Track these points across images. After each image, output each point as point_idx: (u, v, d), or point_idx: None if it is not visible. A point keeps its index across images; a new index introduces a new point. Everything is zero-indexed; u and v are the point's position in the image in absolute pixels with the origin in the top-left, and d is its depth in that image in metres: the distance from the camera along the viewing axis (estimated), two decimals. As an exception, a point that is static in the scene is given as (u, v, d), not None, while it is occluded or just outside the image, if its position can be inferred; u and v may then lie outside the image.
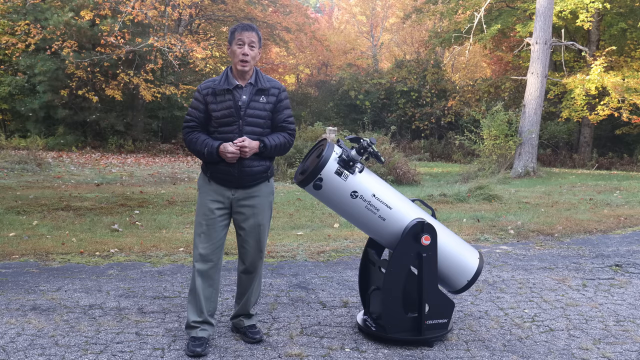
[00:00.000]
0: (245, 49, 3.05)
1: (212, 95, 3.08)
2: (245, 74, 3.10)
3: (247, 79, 3.12)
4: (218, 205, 3.13)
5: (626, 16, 18.44)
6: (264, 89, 3.11)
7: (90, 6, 16.35)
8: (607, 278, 4.74)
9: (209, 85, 3.11)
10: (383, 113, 24.86)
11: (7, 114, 19.91)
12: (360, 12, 31.38)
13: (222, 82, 3.09)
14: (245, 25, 3.10)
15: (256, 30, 3.11)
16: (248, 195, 3.14)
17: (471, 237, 6.25)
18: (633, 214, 7.94)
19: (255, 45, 3.09)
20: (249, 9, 21.19)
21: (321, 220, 7.26)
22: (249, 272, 3.27)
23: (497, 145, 14.12)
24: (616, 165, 19.44)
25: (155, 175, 12.47)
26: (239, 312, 3.33)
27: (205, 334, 3.14)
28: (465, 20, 18.62)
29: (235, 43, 3.07)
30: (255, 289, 3.31)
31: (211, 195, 3.13)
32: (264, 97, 3.11)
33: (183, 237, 6.03)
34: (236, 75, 3.11)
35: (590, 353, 3.19)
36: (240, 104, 3.06)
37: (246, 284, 3.29)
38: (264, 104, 3.11)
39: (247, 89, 3.10)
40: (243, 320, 3.30)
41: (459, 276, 3.35)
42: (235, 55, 3.07)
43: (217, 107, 3.07)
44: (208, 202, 3.13)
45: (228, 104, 3.06)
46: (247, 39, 3.06)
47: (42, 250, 5.20)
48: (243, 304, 3.30)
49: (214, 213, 3.12)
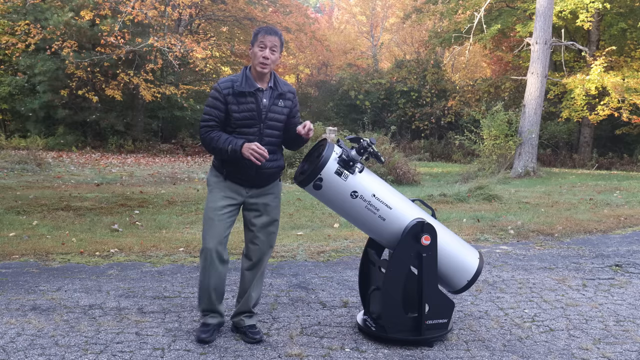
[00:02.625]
0: (267, 53, 3.09)
1: (232, 96, 3.10)
2: (264, 76, 3.15)
3: (266, 82, 3.18)
4: (229, 202, 3.19)
5: (626, 16, 18.45)
6: (282, 93, 3.20)
7: (90, 6, 16.36)
8: (607, 278, 4.74)
9: (229, 85, 3.12)
10: (383, 113, 24.86)
11: (7, 114, 19.92)
12: (360, 12, 31.38)
13: (242, 83, 3.11)
14: (269, 29, 3.15)
15: (279, 35, 3.16)
16: (261, 193, 3.23)
17: (471, 237, 6.25)
18: (633, 214, 7.94)
19: (277, 49, 3.13)
20: (249, 8, 21.19)
21: (321, 220, 7.26)
22: (254, 267, 3.31)
23: (497, 145, 14.12)
24: (616, 165, 19.44)
25: (155, 175, 12.47)
26: (240, 309, 3.34)
27: (214, 320, 3.25)
28: (465, 20, 18.61)
29: (257, 45, 3.11)
30: (256, 285, 3.33)
31: (224, 192, 3.18)
32: (282, 101, 3.20)
33: (183, 237, 6.03)
34: (255, 77, 3.15)
35: (590, 353, 3.19)
36: (262, 107, 3.13)
37: (249, 279, 3.32)
38: (282, 108, 3.20)
39: (268, 92, 3.16)
40: (244, 320, 3.31)
41: (459, 276, 3.35)
42: (256, 57, 3.11)
43: (239, 109, 3.10)
44: (219, 198, 3.18)
45: (250, 106, 3.11)
46: (270, 42, 3.10)
47: (42, 250, 5.20)
48: (244, 300, 3.31)
49: (223, 209, 3.17)
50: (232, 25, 22.68)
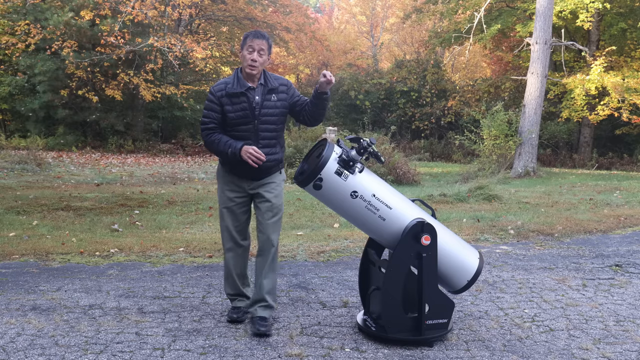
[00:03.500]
0: (255, 55, 3.28)
1: (226, 97, 3.30)
2: (253, 76, 3.32)
3: (257, 80, 3.34)
4: (236, 194, 3.42)
5: (626, 16, 18.44)
6: (274, 88, 3.35)
7: (90, 6, 16.36)
8: (607, 278, 4.74)
9: (222, 88, 3.33)
10: (383, 113, 24.85)
11: (7, 114, 19.92)
12: (360, 12, 31.36)
13: (234, 84, 3.31)
14: (256, 33, 3.34)
15: (267, 39, 3.34)
16: (263, 183, 3.41)
17: (471, 237, 6.25)
18: (633, 214, 7.94)
19: (265, 52, 3.31)
20: (249, 8, 21.18)
21: (321, 220, 7.26)
22: (262, 254, 3.42)
23: (497, 145, 14.11)
24: (616, 165, 19.42)
25: (155, 175, 12.47)
26: (254, 298, 3.47)
27: (242, 304, 3.55)
28: (465, 20, 18.60)
29: (246, 49, 3.30)
30: (267, 273, 3.41)
31: (229, 186, 3.43)
32: (275, 95, 3.35)
33: (183, 237, 6.03)
34: (246, 78, 3.34)
35: (590, 353, 3.19)
36: (255, 105, 3.30)
37: (259, 267, 3.45)
38: (275, 102, 3.35)
39: (259, 89, 3.33)
40: (257, 310, 3.42)
41: (459, 276, 3.35)
42: (245, 59, 3.30)
43: (233, 109, 3.29)
44: (227, 191, 3.43)
45: (243, 105, 3.29)
46: (257, 46, 3.29)
47: (42, 250, 5.20)
48: (257, 289, 3.44)
49: (233, 201, 3.42)
50: (232, 25, 22.68)
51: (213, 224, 6.85)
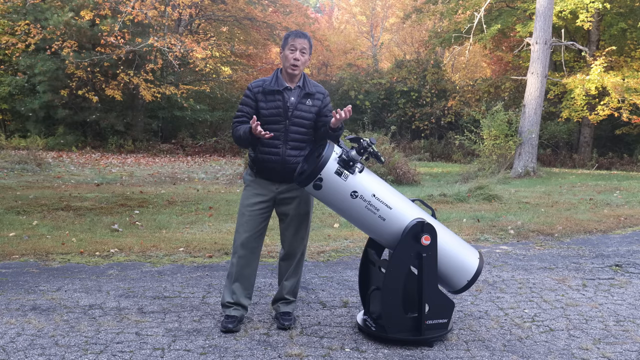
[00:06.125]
0: (297, 55, 3.29)
1: (262, 94, 3.31)
2: (294, 77, 3.34)
3: (296, 82, 3.36)
4: (261, 199, 3.39)
5: (626, 16, 18.44)
6: (311, 93, 3.36)
7: (90, 6, 16.36)
8: (607, 278, 4.74)
9: (259, 84, 3.35)
10: (383, 113, 24.85)
11: (7, 114, 19.92)
12: (360, 12, 31.36)
13: (272, 83, 3.32)
14: (298, 33, 3.36)
15: (308, 38, 3.36)
16: (292, 187, 3.38)
17: (471, 237, 6.25)
18: (633, 214, 7.94)
19: (306, 51, 3.33)
20: (249, 8, 21.19)
21: (321, 220, 7.27)
22: (287, 258, 3.51)
23: (497, 145, 14.11)
24: (616, 165, 19.42)
25: (155, 175, 12.47)
26: (276, 296, 3.57)
27: (237, 313, 3.42)
28: (465, 20, 18.60)
29: (288, 48, 3.31)
30: (291, 275, 3.51)
31: (256, 189, 3.40)
32: (310, 100, 3.36)
33: (183, 237, 6.03)
34: (285, 78, 3.35)
35: (590, 353, 3.19)
36: (289, 105, 3.30)
37: (283, 270, 3.53)
38: (310, 107, 3.35)
39: (296, 91, 3.34)
40: (280, 306, 3.52)
41: (459, 276, 3.34)
42: (287, 59, 3.30)
43: (266, 106, 3.30)
44: (252, 195, 3.41)
45: (277, 104, 3.30)
46: (300, 45, 3.30)
47: (42, 250, 5.20)
48: (279, 289, 3.55)
49: (255, 206, 3.39)
50: (232, 25, 22.68)
51: (213, 224, 6.85)
